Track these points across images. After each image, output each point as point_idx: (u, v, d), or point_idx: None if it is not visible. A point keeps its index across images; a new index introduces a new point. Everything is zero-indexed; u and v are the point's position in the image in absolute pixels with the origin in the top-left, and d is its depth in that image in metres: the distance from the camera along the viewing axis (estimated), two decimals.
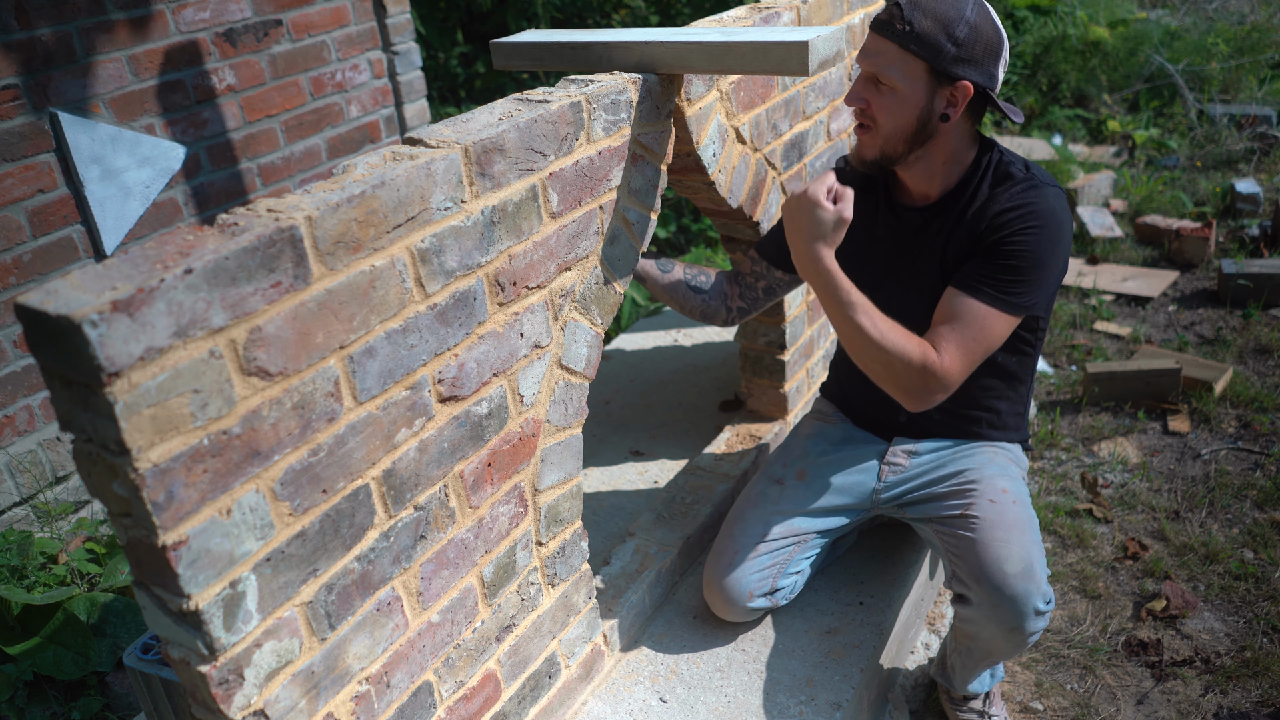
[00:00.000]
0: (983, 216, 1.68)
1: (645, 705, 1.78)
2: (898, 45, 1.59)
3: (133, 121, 2.79)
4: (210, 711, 1.08)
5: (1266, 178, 4.74)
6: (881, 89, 1.63)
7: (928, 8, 1.58)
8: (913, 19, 1.58)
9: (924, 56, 1.58)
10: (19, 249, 2.56)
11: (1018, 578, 1.61)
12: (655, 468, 2.45)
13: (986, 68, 1.61)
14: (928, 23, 1.57)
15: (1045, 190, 1.66)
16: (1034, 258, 1.62)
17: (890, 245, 1.82)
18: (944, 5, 1.59)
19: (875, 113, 1.65)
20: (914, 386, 1.63)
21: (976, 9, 1.60)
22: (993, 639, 1.70)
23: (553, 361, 1.52)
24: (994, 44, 1.61)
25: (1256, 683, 2.11)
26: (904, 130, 1.64)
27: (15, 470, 2.62)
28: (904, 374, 1.62)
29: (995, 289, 1.63)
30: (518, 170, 1.34)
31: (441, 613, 1.38)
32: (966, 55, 1.58)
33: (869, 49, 1.64)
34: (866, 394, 1.97)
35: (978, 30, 1.58)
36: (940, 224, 1.74)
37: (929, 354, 1.62)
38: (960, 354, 1.63)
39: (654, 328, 3.24)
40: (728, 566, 1.85)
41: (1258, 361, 3.34)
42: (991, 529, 1.67)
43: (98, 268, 0.91)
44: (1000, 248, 1.64)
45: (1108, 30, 5.99)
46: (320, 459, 1.12)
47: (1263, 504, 2.66)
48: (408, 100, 3.63)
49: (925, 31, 1.57)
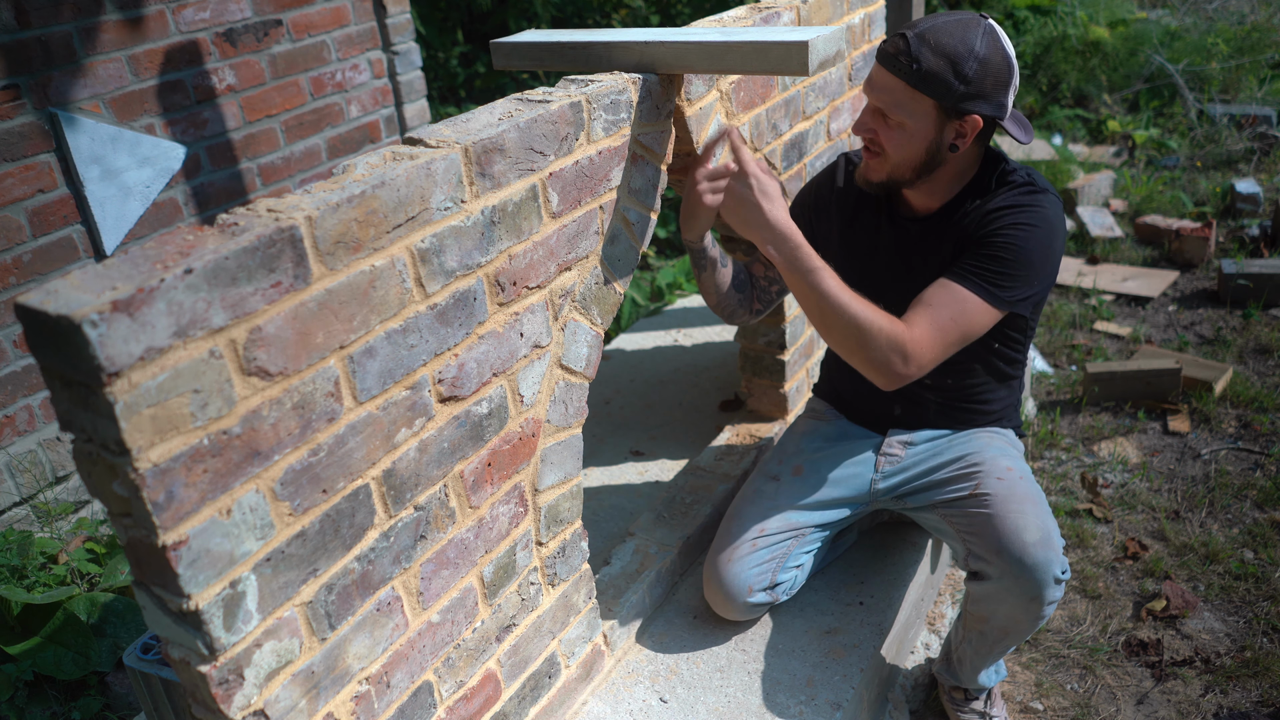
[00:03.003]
0: (979, 217, 1.69)
1: (645, 705, 1.78)
2: (905, 82, 1.56)
3: (133, 121, 2.79)
4: (210, 711, 1.07)
5: (1266, 178, 4.74)
6: (890, 122, 1.61)
7: (936, 43, 1.54)
8: (920, 56, 1.54)
9: (932, 95, 1.56)
10: (19, 249, 2.56)
11: (1037, 545, 1.62)
12: (655, 468, 2.45)
13: (996, 99, 1.58)
14: (936, 60, 1.54)
15: (1042, 195, 1.66)
16: (1023, 253, 1.62)
17: (892, 255, 1.82)
18: (952, 40, 1.54)
19: (883, 143, 1.63)
20: (882, 358, 1.60)
21: (985, 40, 1.56)
22: (1011, 613, 1.70)
23: (553, 361, 1.52)
24: (1004, 75, 1.57)
25: (1256, 683, 2.11)
26: (912, 161, 1.64)
27: (15, 470, 2.62)
28: (872, 343, 1.59)
29: (979, 277, 1.63)
30: (518, 170, 1.34)
31: (441, 613, 1.38)
32: (976, 91, 1.55)
33: (876, 83, 1.61)
34: (857, 388, 1.97)
35: (987, 64, 1.55)
36: (941, 233, 1.74)
37: (897, 325, 1.60)
38: (932, 330, 1.61)
39: (654, 328, 3.24)
40: (726, 562, 1.86)
41: (1258, 361, 3.34)
42: (1005, 502, 1.68)
43: (98, 268, 0.91)
44: (990, 239, 1.64)
45: (1108, 30, 5.99)
46: (320, 459, 1.12)
47: (1263, 504, 2.66)
48: (408, 100, 3.63)
49: (933, 70, 1.54)
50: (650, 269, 4.55)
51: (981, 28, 1.56)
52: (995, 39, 1.57)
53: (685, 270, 4.16)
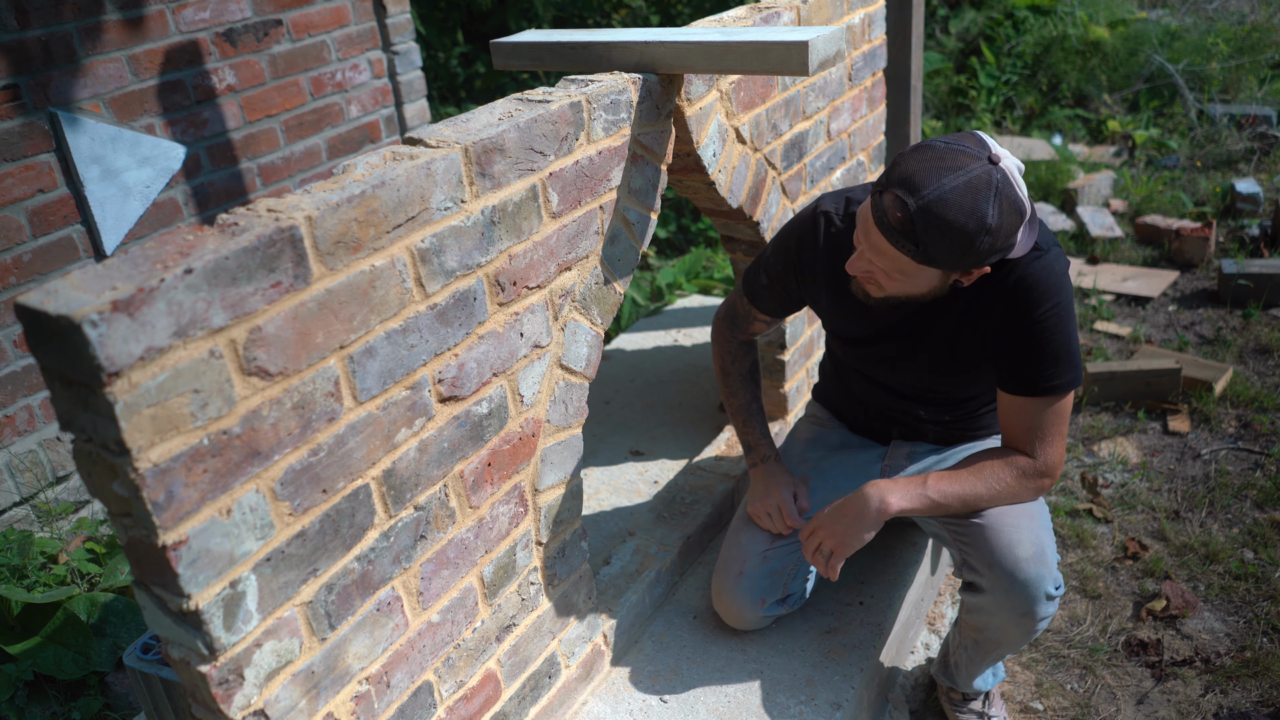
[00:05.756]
0: (997, 292, 1.57)
1: (645, 705, 1.78)
2: (909, 258, 1.42)
3: (133, 121, 2.79)
4: (210, 711, 1.08)
5: (1266, 178, 4.74)
6: (891, 277, 1.49)
7: (943, 223, 1.36)
8: (924, 239, 1.38)
9: (940, 268, 1.44)
10: (19, 249, 2.56)
11: (1030, 561, 1.62)
12: (655, 468, 2.45)
13: (1007, 246, 1.45)
14: (944, 242, 1.38)
15: (1051, 256, 1.55)
16: (1067, 331, 1.55)
17: (890, 317, 1.70)
18: (961, 215, 1.36)
19: (883, 284, 1.52)
20: (1032, 494, 1.63)
21: (997, 205, 1.38)
22: (1003, 626, 1.70)
23: (553, 361, 1.52)
24: (1016, 225, 1.42)
25: (1256, 683, 2.11)
26: (914, 297, 1.56)
27: (15, 470, 2.62)
28: (1014, 494, 1.62)
29: (1052, 379, 1.56)
30: (518, 170, 1.34)
31: (441, 613, 1.38)
32: (986, 257, 1.43)
33: (875, 246, 1.45)
34: (854, 410, 1.98)
35: (999, 233, 1.40)
36: (946, 302, 1.63)
37: (1017, 461, 1.61)
38: (1051, 445, 1.60)
39: (654, 328, 3.24)
40: (737, 575, 1.85)
41: (1258, 361, 3.34)
42: (1001, 515, 1.68)
43: (98, 268, 0.91)
44: (1035, 338, 1.55)
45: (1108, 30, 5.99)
46: (320, 459, 1.12)
47: (1263, 504, 2.66)
48: (408, 100, 3.63)
49: (941, 254, 1.40)
50: (650, 269, 4.55)
51: (993, 189, 1.37)
52: (1007, 195, 1.39)
53: (685, 270, 4.16)
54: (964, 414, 1.86)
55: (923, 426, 1.89)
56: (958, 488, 1.62)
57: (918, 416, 1.87)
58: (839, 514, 1.68)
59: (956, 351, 1.66)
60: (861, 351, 1.81)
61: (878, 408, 1.92)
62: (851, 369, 1.90)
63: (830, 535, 1.68)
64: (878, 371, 1.82)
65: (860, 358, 1.83)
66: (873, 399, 1.91)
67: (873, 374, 1.85)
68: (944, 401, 1.82)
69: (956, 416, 1.86)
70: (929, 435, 1.91)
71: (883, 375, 1.83)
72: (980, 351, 1.63)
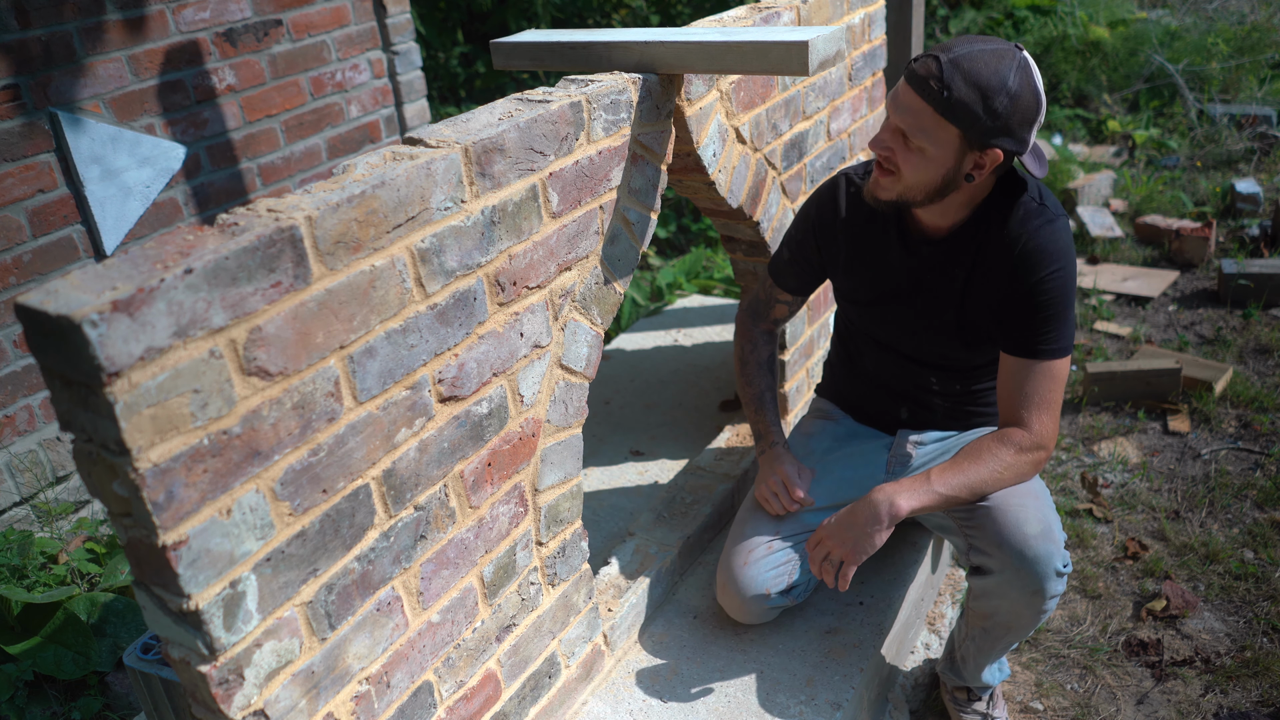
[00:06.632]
0: (1003, 254, 1.65)
1: (645, 705, 1.78)
2: (932, 108, 1.52)
3: (133, 121, 2.79)
4: (210, 711, 1.08)
5: (1266, 178, 4.74)
6: (910, 144, 1.57)
7: (969, 72, 1.49)
8: (951, 83, 1.49)
9: (958, 125, 1.51)
10: (19, 249, 2.56)
11: (1038, 538, 1.63)
12: (655, 468, 2.45)
13: (1021, 135, 1.54)
14: (967, 90, 1.49)
15: (1057, 222, 1.64)
16: (1064, 296, 1.63)
17: (902, 276, 1.78)
18: (986, 70, 1.49)
19: (899, 164, 1.60)
20: (1031, 469, 1.68)
21: (1019, 75, 1.51)
22: (1013, 608, 1.71)
23: (553, 361, 1.52)
24: (1031, 112, 1.53)
25: (1256, 683, 2.11)
26: (926, 186, 1.61)
27: (15, 470, 2.62)
28: (1016, 473, 1.67)
29: (1048, 342, 1.64)
30: (518, 170, 1.34)
31: (441, 613, 1.38)
32: (1002, 126, 1.51)
33: (902, 103, 1.56)
34: (863, 393, 1.99)
35: (1017, 100, 1.50)
36: (953, 256, 1.71)
37: (1014, 435, 1.66)
38: (1044, 413, 1.66)
39: (654, 328, 3.24)
40: (742, 565, 1.85)
41: (1258, 361, 3.34)
42: (1007, 496, 1.69)
43: (98, 268, 0.91)
44: (1036, 300, 1.63)
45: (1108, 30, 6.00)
46: (320, 459, 1.12)
47: (1263, 504, 2.66)
48: (408, 100, 3.63)
49: (963, 100, 1.49)
50: (650, 269, 4.55)
51: (1016, 61, 1.51)
52: (1028, 74, 1.52)
53: (685, 270, 4.16)
54: (972, 387, 1.87)
55: (932, 400, 1.90)
56: (961, 477, 1.65)
57: (929, 387, 1.88)
58: (847, 522, 1.69)
59: (966, 311, 1.73)
60: (875, 313, 1.84)
61: (889, 380, 1.93)
62: (864, 339, 1.93)
63: (840, 544, 1.69)
64: (890, 334, 1.86)
65: (874, 319, 1.87)
66: (885, 369, 1.93)
67: (886, 338, 1.88)
68: (954, 368, 1.84)
69: (966, 388, 1.87)
70: (938, 410, 1.91)
71: (895, 338, 1.86)
72: (987, 311, 1.70)
